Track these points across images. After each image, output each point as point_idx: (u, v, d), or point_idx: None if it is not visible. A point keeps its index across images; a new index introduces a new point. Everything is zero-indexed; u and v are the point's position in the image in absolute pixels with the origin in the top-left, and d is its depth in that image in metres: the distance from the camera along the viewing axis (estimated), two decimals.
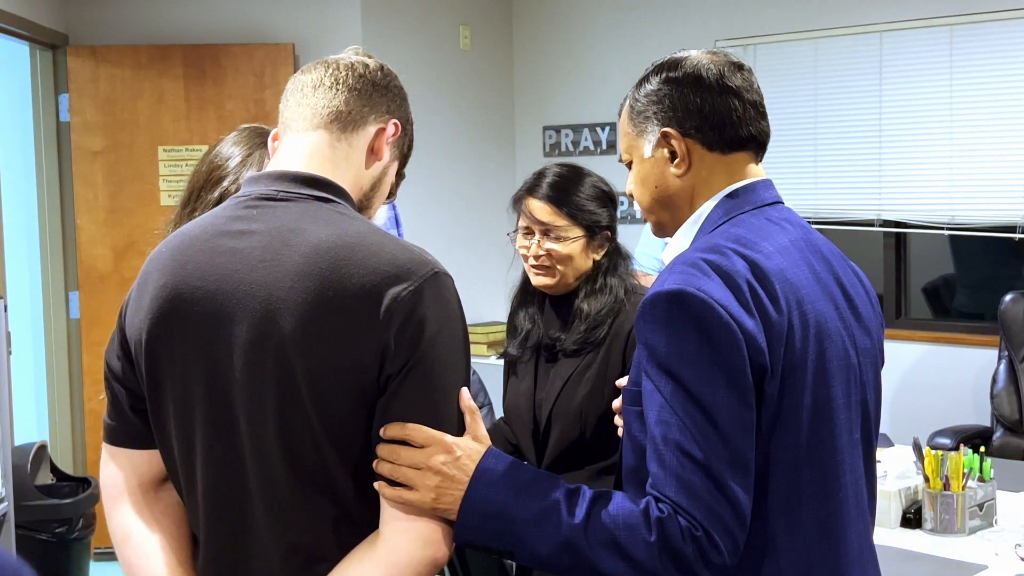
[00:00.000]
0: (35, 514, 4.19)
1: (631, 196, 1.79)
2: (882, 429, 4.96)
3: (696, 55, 1.74)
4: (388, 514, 1.54)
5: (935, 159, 5.24)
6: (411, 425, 1.51)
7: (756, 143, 1.72)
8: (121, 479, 1.72)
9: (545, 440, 2.60)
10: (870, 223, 5.49)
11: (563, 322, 2.64)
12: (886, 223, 5.47)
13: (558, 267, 2.59)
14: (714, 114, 1.68)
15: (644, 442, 1.56)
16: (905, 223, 5.42)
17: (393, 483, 1.52)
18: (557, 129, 6.37)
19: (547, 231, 2.60)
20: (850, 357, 1.66)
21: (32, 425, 5.58)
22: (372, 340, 1.49)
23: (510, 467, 1.56)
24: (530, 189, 2.68)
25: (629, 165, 1.77)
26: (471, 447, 1.55)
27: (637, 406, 1.58)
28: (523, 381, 2.70)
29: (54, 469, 4.75)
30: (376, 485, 1.53)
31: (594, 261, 2.62)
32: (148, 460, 1.70)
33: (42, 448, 4.54)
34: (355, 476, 1.55)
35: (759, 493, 1.56)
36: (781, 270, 1.60)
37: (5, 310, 3.66)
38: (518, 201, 2.72)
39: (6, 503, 3.64)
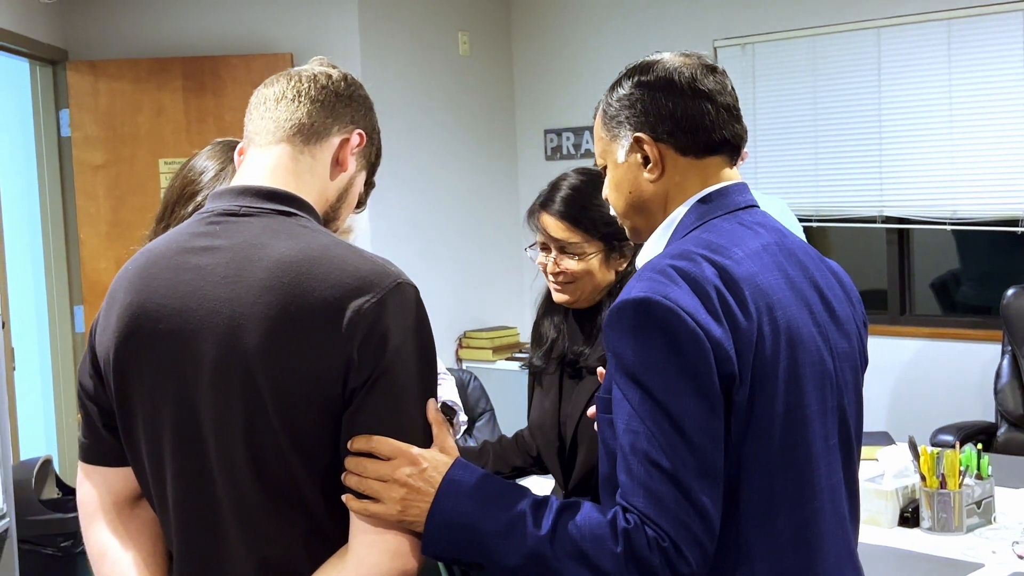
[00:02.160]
0: (40, 528, 4.20)
1: (607, 200, 1.79)
2: (885, 427, 4.95)
3: (669, 58, 1.72)
4: (357, 527, 1.54)
5: (936, 154, 5.23)
6: (376, 437, 1.51)
7: (730, 147, 1.71)
8: (96, 497, 1.72)
9: (572, 459, 2.52)
10: (872, 220, 5.48)
11: (587, 336, 2.54)
12: (888, 219, 5.45)
13: (578, 283, 2.46)
14: (686, 118, 1.67)
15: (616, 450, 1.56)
16: (907, 219, 5.40)
17: (360, 496, 1.52)
18: (558, 132, 6.36)
19: (563, 248, 2.45)
20: (825, 362, 1.64)
21: (40, 439, 5.60)
22: (335, 353, 1.49)
23: (477, 479, 1.55)
24: (544, 203, 2.51)
25: (604, 170, 1.77)
26: (438, 459, 1.55)
27: (609, 414, 1.57)
28: (548, 396, 2.61)
29: (60, 483, 4.76)
30: (343, 498, 1.53)
31: (617, 272, 2.49)
32: (123, 478, 1.71)
33: (47, 462, 4.55)
34: (324, 490, 1.54)
35: (732, 502, 1.55)
36: (751, 275, 1.59)
37: (3, 327, 3.67)
38: (532, 215, 2.54)
39: (7, 519, 3.65)
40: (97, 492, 1.72)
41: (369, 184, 1.80)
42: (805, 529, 1.60)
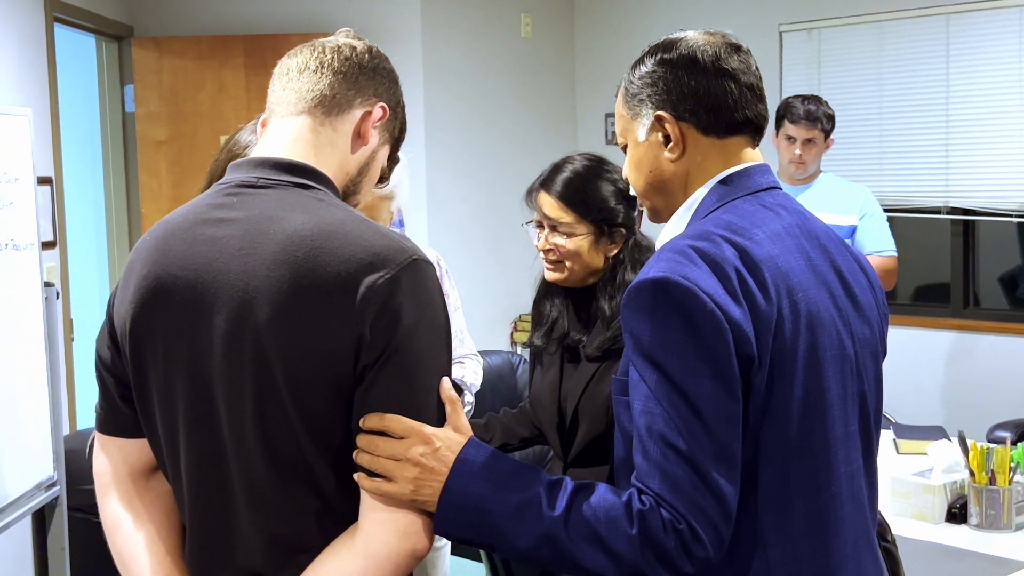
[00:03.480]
0: (92, 498, 4.24)
1: (627, 181, 1.76)
2: (942, 421, 4.86)
3: (693, 36, 1.69)
4: (367, 505, 1.52)
5: (1003, 144, 5.11)
6: (389, 416, 1.49)
7: (753, 127, 1.68)
8: (111, 468, 1.72)
9: (572, 433, 2.55)
10: (937, 210, 5.37)
11: (584, 323, 2.58)
12: (953, 210, 5.34)
13: (566, 263, 2.52)
14: (709, 97, 1.64)
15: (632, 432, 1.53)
16: (973, 210, 5.28)
17: (372, 474, 1.50)
18: None
19: (554, 226, 2.53)
20: (845, 347, 1.61)
21: None
22: (347, 330, 1.47)
23: (490, 458, 1.53)
24: (543, 183, 2.59)
25: (625, 149, 1.74)
26: (451, 438, 1.52)
27: (626, 396, 1.55)
28: (548, 372, 2.64)
29: None
30: (355, 476, 1.51)
31: (608, 258, 2.53)
32: (139, 449, 1.70)
33: None
34: (335, 467, 1.53)
35: (748, 486, 1.52)
36: (772, 258, 1.55)
37: (57, 297, 3.72)
38: (531, 193, 2.63)
39: (58, 487, 3.70)
40: (112, 463, 1.72)
41: (393, 159, 1.78)
42: (821, 515, 1.57)
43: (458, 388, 2.71)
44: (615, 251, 2.52)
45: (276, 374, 1.49)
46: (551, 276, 2.57)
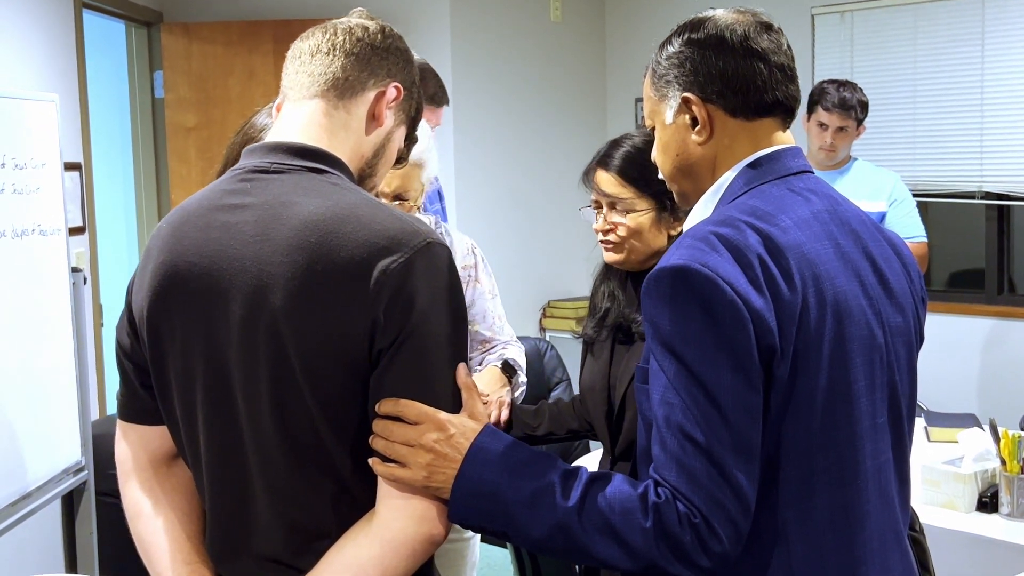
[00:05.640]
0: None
1: (655, 163, 1.73)
2: (976, 409, 4.80)
3: (721, 15, 1.65)
4: (384, 491, 1.51)
5: None
6: (404, 401, 1.47)
7: (783, 109, 1.63)
8: (133, 455, 1.73)
9: (619, 423, 2.48)
10: (971, 195, 5.30)
11: (639, 302, 2.51)
12: (988, 195, 5.27)
13: (627, 242, 2.41)
14: (737, 78, 1.59)
15: None
16: (1008, 195, 5.21)
17: (387, 459, 1.49)
18: None
19: (613, 204, 2.42)
20: (875, 337, 1.56)
21: None
22: (362, 314, 1.45)
23: (506, 447, 1.51)
24: (600, 161, 2.47)
25: (653, 131, 1.71)
26: (466, 425, 1.51)
27: (647, 384, 1.52)
28: (599, 361, 2.57)
29: None
30: (370, 461, 1.50)
31: (672, 236, 2.42)
32: (159, 436, 1.70)
33: None
34: (353, 453, 1.52)
35: (770, 480, 1.49)
36: (798, 245, 1.51)
37: (85, 283, 3.73)
38: (588, 173, 2.51)
39: (86, 472, 3.72)
40: (134, 450, 1.73)
41: (410, 139, 1.76)
42: (846, 510, 1.53)
43: (512, 369, 2.67)
44: (678, 229, 2.39)
45: (292, 359, 1.48)
46: (609, 258, 2.47)
